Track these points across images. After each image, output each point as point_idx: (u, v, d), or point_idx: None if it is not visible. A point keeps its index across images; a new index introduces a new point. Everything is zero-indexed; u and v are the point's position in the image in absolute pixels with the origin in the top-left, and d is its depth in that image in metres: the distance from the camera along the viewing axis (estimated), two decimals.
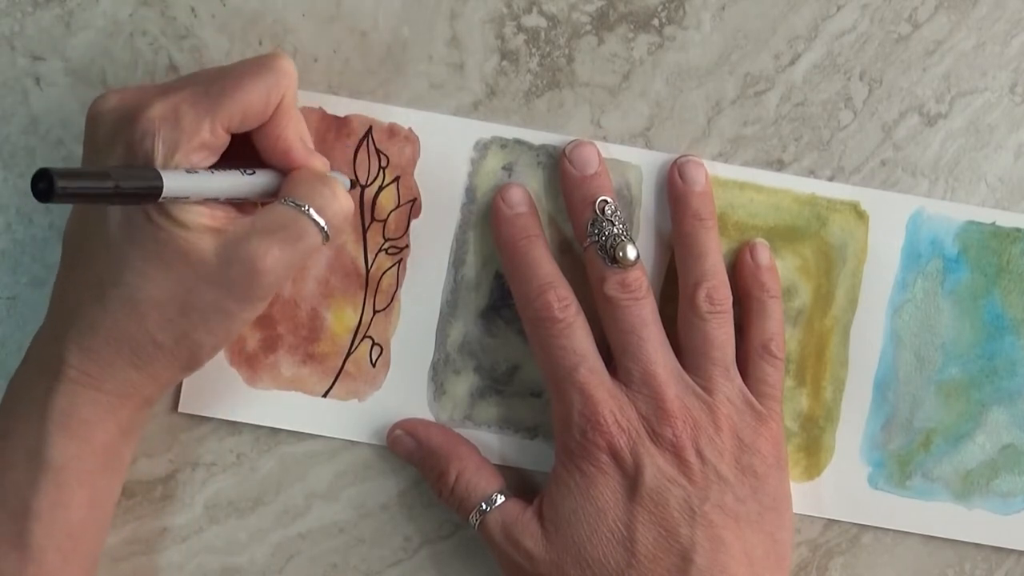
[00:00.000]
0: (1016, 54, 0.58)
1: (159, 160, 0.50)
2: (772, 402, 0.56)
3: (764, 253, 0.57)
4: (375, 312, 0.58)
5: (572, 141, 0.57)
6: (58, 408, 0.52)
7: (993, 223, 0.58)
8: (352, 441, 0.59)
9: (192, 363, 0.53)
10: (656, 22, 0.58)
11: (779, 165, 0.58)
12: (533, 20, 0.58)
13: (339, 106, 0.58)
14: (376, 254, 0.58)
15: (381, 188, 0.58)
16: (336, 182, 0.53)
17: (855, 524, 0.59)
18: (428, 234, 0.58)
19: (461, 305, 0.58)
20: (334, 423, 0.59)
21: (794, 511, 0.56)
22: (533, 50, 0.58)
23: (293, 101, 0.53)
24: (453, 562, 0.59)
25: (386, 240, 0.58)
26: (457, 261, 0.58)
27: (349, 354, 0.59)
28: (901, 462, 0.58)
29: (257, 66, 0.52)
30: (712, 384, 0.55)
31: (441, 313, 0.59)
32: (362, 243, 0.58)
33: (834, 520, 0.59)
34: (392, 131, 0.58)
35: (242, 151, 0.53)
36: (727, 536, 0.53)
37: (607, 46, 0.58)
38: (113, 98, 0.53)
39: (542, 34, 0.58)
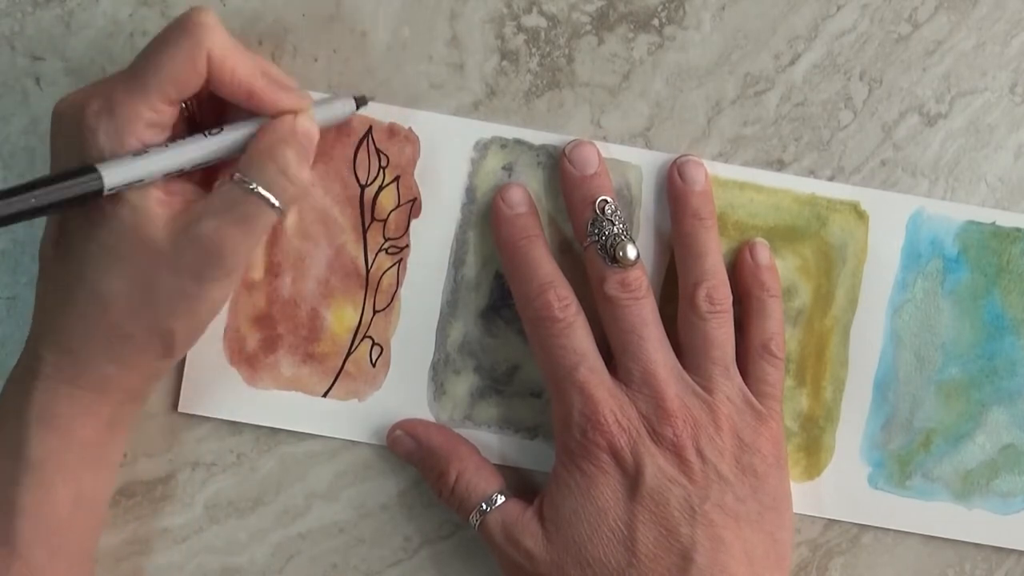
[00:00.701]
0: (1016, 54, 0.58)
1: (106, 153, 0.51)
2: (772, 402, 0.56)
3: (764, 252, 0.57)
4: (375, 312, 0.58)
5: (572, 141, 0.57)
6: (36, 405, 0.52)
7: (993, 223, 0.58)
8: (352, 441, 0.59)
9: (168, 351, 0.53)
10: (656, 22, 0.58)
11: (779, 165, 0.58)
12: (533, 20, 0.58)
13: None
14: (376, 254, 0.58)
15: (381, 188, 0.58)
16: (286, 152, 0.52)
17: (855, 524, 0.59)
18: (428, 234, 0.58)
19: (461, 305, 0.58)
20: (334, 423, 0.59)
21: (794, 511, 0.56)
22: (533, 50, 0.58)
23: (229, 48, 0.52)
24: (453, 562, 0.59)
25: (386, 240, 0.58)
26: (457, 261, 0.58)
27: (349, 354, 0.59)
28: (901, 462, 0.58)
29: (173, 31, 0.52)
30: (712, 383, 0.55)
31: (441, 313, 0.59)
32: (362, 243, 0.58)
33: (834, 520, 0.59)
34: (392, 131, 0.58)
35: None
36: (727, 535, 0.53)
37: (607, 46, 0.58)
38: (68, 100, 0.53)
39: (542, 34, 0.58)
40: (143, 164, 0.51)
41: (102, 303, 0.52)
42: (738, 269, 0.57)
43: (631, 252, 0.55)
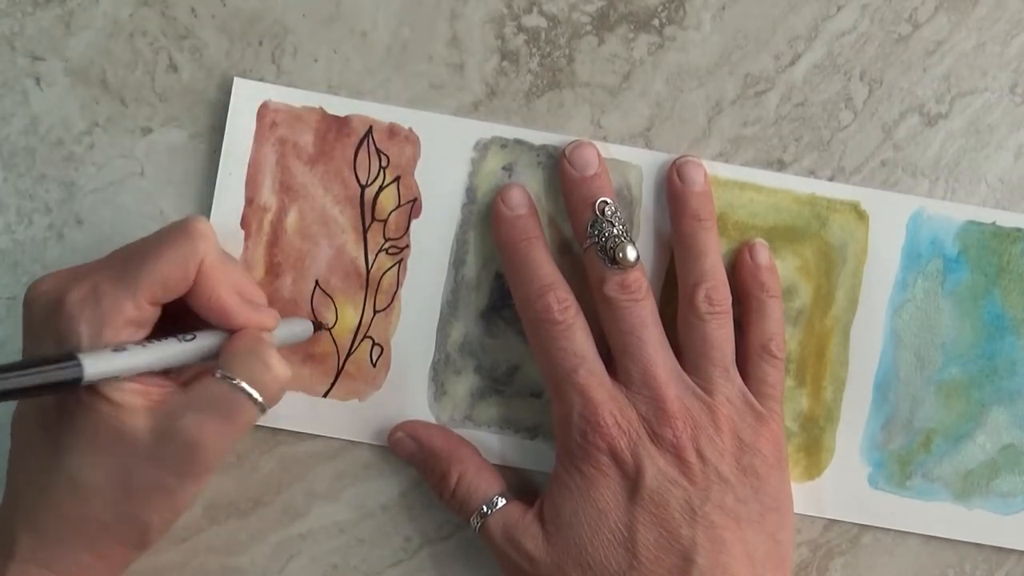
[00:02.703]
0: (1016, 54, 0.58)
1: (85, 343, 0.50)
2: (772, 402, 0.56)
3: (763, 253, 0.57)
4: (375, 312, 0.58)
5: (572, 142, 0.57)
6: None
7: (993, 223, 0.58)
8: (352, 441, 0.59)
9: (142, 542, 0.52)
10: (656, 22, 0.58)
11: (779, 165, 0.58)
12: (533, 20, 0.58)
13: (339, 106, 0.58)
14: (376, 254, 0.58)
15: (381, 188, 0.58)
16: (269, 351, 0.52)
17: (855, 524, 0.59)
18: (428, 234, 0.58)
19: (461, 305, 0.58)
20: (334, 423, 0.59)
21: (795, 511, 0.56)
22: (533, 50, 0.58)
23: (217, 261, 0.52)
24: (453, 563, 0.59)
25: (386, 240, 0.58)
26: (457, 261, 0.58)
27: (349, 354, 0.59)
28: (901, 462, 0.59)
29: (171, 234, 0.52)
30: (712, 385, 0.55)
31: (441, 313, 0.59)
32: (362, 243, 0.58)
33: (834, 520, 0.59)
34: (392, 131, 0.58)
35: (191, 312, 0.53)
36: (728, 536, 0.53)
37: (607, 46, 0.58)
38: (45, 283, 0.52)
39: (542, 34, 0.58)
40: (123, 360, 0.50)
41: (80, 493, 0.51)
42: (738, 269, 0.57)
43: (631, 253, 0.55)
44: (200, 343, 0.52)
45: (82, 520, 0.51)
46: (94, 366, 0.49)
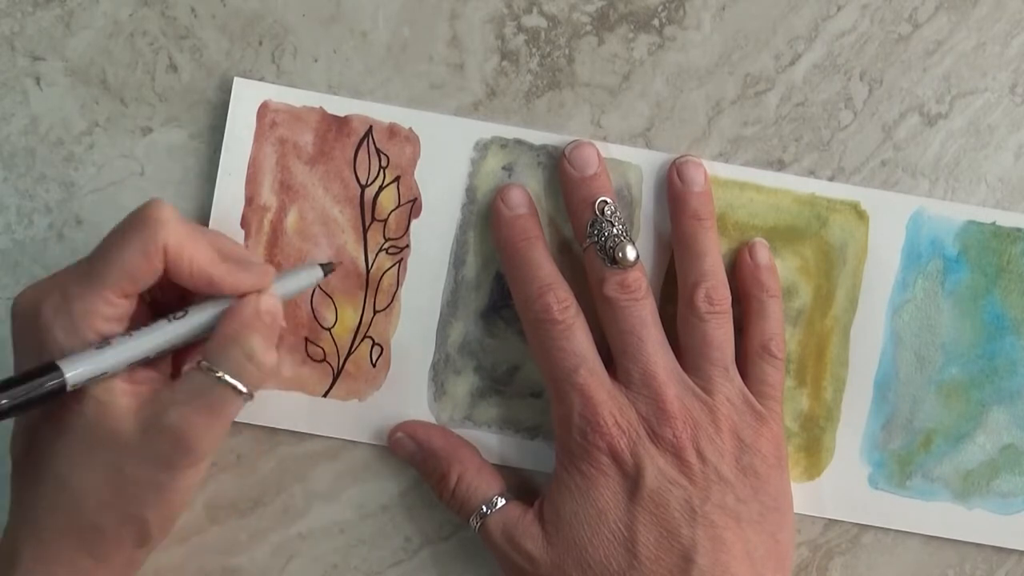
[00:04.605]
0: (1016, 54, 0.58)
1: (65, 349, 0.50)
2: (772, 402, 0.56)
3: (763, 253, 0.57)
4: (375, 312, 0.58)
5: (572, 141, 0.57)
6: None
7: (993, 223, 0.58)
8: (352, 441, 0.59)
9: (143, 540, 0.52)
10: (656, 22, 0.58)
11: (779, 165, 0.58)
12: (533, 20, 0.58)
13: (339, 106, 0.58)
14: (376, 254, 0.58)
15: (381, 188, 0.58)
16: (251, 337, 0.51)
17: (855, 524, 0.59)
18: (428, 234, 0.58)
19: (461, 305, 0.58)
20: (334, 423, 0.59)
21: (795, 511, 0.56)
22: (533, 50, 0.58)
23: (184, 239, 0.51)
24: (454, 563, 0.59)
25: (386, 240, 0.58)
26: (457, 261, 0.58)
27: (349, 354, 0.59)
28: (901, 462, 0.59)
29: (129, 225, 0.51)
30: (712, 384, 0.55)
31: (441, 313, 0.59)
32: (362, 243, 0.58)
33: (834, 520, 0.59)
34: (392, 131, 0.58)
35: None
36: (728, 536, 0.53)
37: (607, 46, 0.58)
38: (25, 295, 0.52)
39: (542, 34, 0.58)
40: (104, 357, 0.50)
41: (74, 499, 0.51)
42: (738, 269, 0.57)
43: (631, 253, 0.55)
44: (191, 319, 0.52)
45: (78, 525, 0.51)
46: (76, 371, 0.49)
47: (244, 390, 0.51)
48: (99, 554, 0.52)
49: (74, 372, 0.49)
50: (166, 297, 0.54)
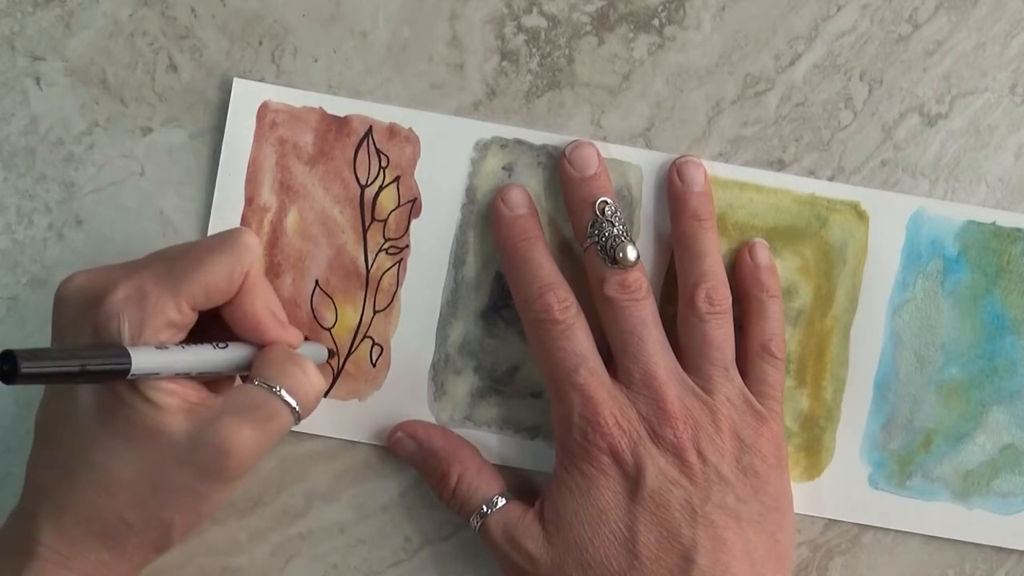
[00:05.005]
0: (1016, 54, 0.58)
1: (126, 340, 0.50)
2: (772, 402, 0.56)
3: (763, 253, 0.57)
4: (375, 312, 0.58)
5: (572, 142, 0.57)
6: None
7: (993, 223, 0.58)
8: (352, 441, 0.59)
9: (164, 543, 0.53)
10: (656, 22, 0.58)
11: (779, 165, 0.58)
12: (533, 20, 0.58)
13: (339, 106, 0.58)
14: (376, 254, 0.58)
15: (381, 188, 0.58)
16: (306, 361, 0.53)
17: (855, 524, 0.59)
18: (428, 234, 0.58)
19: (461, 305, 0.58)
20: (334, 423, 0.59)
21: (795, 511, 0.56)
22: (533, 50, 0.58)
23: (260, 276, 0.53)
24: (454, 563, 0.59)
25: (386, 240, 0.58)
26: (457, 261, 0.58)
27: (349, 354, 0.59)
28: (901, 462, 0.59)
29: (221, 243, 0.52)
30: (712, 385, 0.55)
31: (441, 313, 0.59)
32: (362, 243, 0.58)
33: (834, 520, 0.59)
34: (392, 131, 0.58)
35: (216, 323, 0.53)
36: (729, 536, 0.53)
37: (607, 46, 0.58)
38: (79, 279, 0.52)
39: (542, 34, 0.58)
40: (165, 358, 0.50)
41: (108, 491, 0.51)
42: (738, 270, 0.57)
43: (631, 253, 0.55)
44: (232, 353, 0.53)
45: (107, 518, 0.51)
46: (141, 360, 0.49)
47: (296, 408, 0.52)
48: (121, 550, 0.52)
49: (139, 361, 0.49)
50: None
